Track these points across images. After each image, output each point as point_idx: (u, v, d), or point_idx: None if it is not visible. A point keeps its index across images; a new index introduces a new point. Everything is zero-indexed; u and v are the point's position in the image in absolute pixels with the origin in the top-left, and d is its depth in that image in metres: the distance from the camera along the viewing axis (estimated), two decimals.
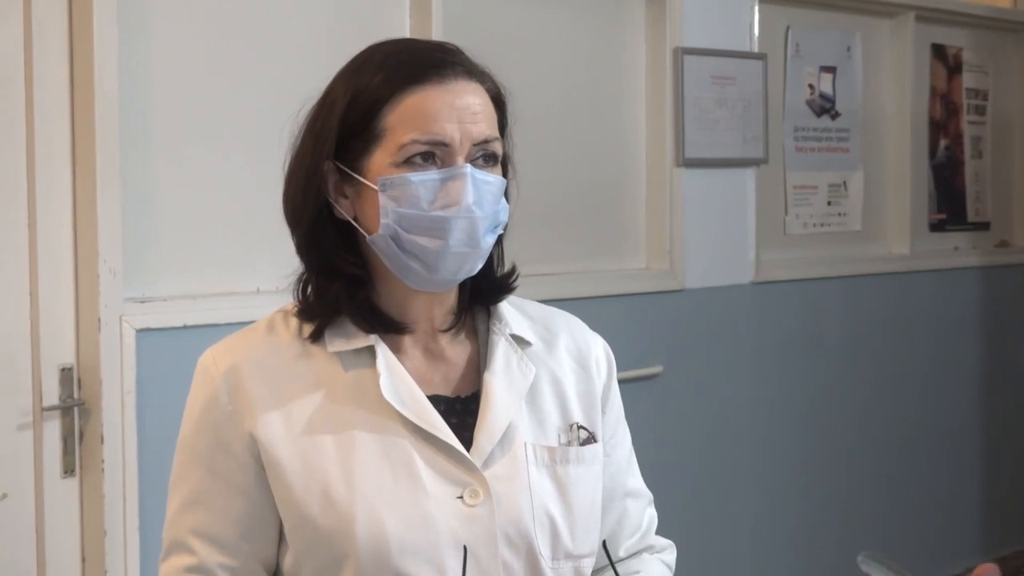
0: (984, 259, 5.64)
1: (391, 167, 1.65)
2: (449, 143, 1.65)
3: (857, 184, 5.12)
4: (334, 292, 1.71)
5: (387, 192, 1.65)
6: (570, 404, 1.78)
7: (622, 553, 1.89)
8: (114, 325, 3.02)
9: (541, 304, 1.91)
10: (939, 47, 5.47)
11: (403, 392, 1.69)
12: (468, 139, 1.66)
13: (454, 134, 1.65)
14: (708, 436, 4.50)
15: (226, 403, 1.69)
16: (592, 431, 1.80)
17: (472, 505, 1.67)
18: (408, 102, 1.66)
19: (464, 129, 1.66)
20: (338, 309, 1.71)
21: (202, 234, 3.22)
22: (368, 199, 1.68)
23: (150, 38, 3.13)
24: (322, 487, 1.65)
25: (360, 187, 1.68)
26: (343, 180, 1.70)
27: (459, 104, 1.66)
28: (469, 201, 1.65)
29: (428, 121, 1.65)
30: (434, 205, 1.65)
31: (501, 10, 3.90)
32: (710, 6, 4.41)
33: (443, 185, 1.65)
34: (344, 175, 1.70)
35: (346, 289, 1.71)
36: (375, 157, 1.66)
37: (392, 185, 1.64)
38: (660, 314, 4.31)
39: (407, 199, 1.64)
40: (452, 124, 1.65)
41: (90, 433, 3.04)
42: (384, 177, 1.65)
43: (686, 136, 4.30)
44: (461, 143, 1.65)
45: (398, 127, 1.65)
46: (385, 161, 1.66)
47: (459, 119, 1.66)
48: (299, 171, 1.72)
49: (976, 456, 5.67)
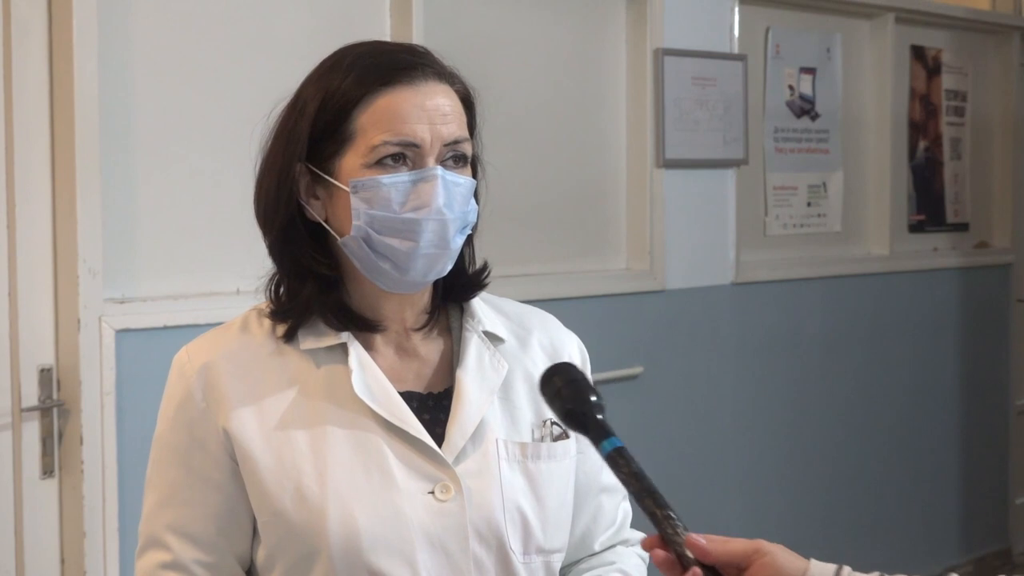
0: (963, 260, 5.66)
1: (362, 168, 1.66)
2: (420, 144, 1.66)
3: (837, 185, 5.13)
4: (306, 293, 1.72)
5: (358, 194, 1.66)
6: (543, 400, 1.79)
7: (597, 547, 1.91)
8: (93, 326, 3.01)
9: (516, 302, 1.93)
10: (918, 48, 5.49)
11: (375, 388, 1.71)
12: (439, 140, 1.68)
13: (424, 135, 1.67)
14: (688, 436, 4.51)
15: (200, 400, 1.71)
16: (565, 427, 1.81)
17: (443, 500, 1.68)
18: (379, 104, 1.67)
19: (434, 130, 1.67)
20: (310, 309, 1.73)
21: (182, 235, 3.22)
22: (339, 201, 1.69)
23: (130, 38, 3.12)
24: (295, 483, 1.67)
25: (331, 189, 1.70)
26: (314, 182, 1.72)
27: (429, 105, 1.68)
28: (440, 203, 1.67)
29: (399, 122, 1.66)
30: (405, 207, 1.66)
31: (482, 11, 3.90)
32: (690, 7, 4.41)
33: (414, 187, 1.67)
34: (315, 177, 1.71)
35: (318, 290, 1.72)
36: (346, 159, 1.68)
37: (363, 187, 1.66)
38: (640, 315, 4.31)
39: (378, 201, 1.66)
40: (423, 125, 1.67)
41: (69, 434, 3.04)
42: (355, 179, 1.66)
43: (666, 137, 4.31)
44: (432, 144, 1.67)
45: (369, 128, 1.67)
46: (356, 163, 1.67)
47: (429, 120, 1.67)
48: (270, 173, 1.73)
49: (955, 456, 5.69)
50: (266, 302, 1.78)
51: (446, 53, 1.79)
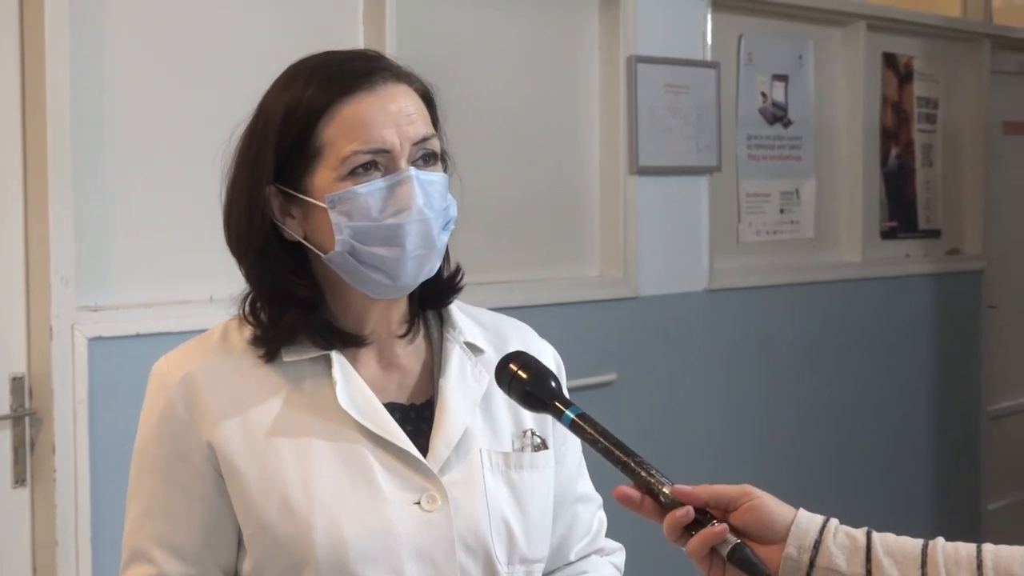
0: (935, 266, 5.69)
1: (335, 181, 1.65)
2: (390, 149, 1.66)
3: (809, 192, 5.15)
4: (288, 319, 1.70)
5: (337, 208, 1.65)
6: (522, 411, 1.78)
7: (572, 556, 1.92)
8: (66, 334, 3.00)
9: (492, 312, 1.93)
10: (890, 56, 5.52)
11: (359, 400, 1.70)
12: (407, 141, 1.67)
13: (394, 139, 1.66)
14: (662, 443, 4.51)
15: (182, 412, 1.69)
16: (544, 437, 1.82)
17: (429, 511, 1.68)
18: (343, 113, 1.66)
19: (402, 132, 1.67)
20: (295, 333, 1.71)
21: (155, 242, 3.20)
22: (317, 217, 1.68)
23: (103, 44, 3.11)
24: (280, 495, 1.66)
25: (307, 206, 1.68)
26: (287, 201, 1.70)
27: (393, 108, 1.67)
28: (419, 203, 1.66)
29: (367, 130, 1.65)
30: (385, 213, 1.65)
31: (454, 19, 3.89)
32: (663, 15, 4.42)
33: (391, 192, 1.66)
34: (288, 196, 1.69)
35: (301, 313, 1.70)
36: (318, 174, 1.67)
37: (340, 200, 1.65)
38: (614, 322, 4.32)
39: (358, 212, 1.65)
40: (390, 129, 1.66)
41: (41, 443, 3.02)
42: (331, 193, 1.65)
43: (639, 144, 4.31)
44: (401, 147, 1.67)
45: (337, 140, 1.65)
46: (328, 176, 1.66)
47: (395, 123, 1.67)
48: (239, 198, 1.71)
49: (928, 462, 5.71)
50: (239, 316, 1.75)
51: (419, 61, 1.79)
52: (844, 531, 1.55)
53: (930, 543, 1.53)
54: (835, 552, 1.52)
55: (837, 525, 1.55)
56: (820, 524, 1.54)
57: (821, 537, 1.53)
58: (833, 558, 1.52)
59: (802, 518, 1.55)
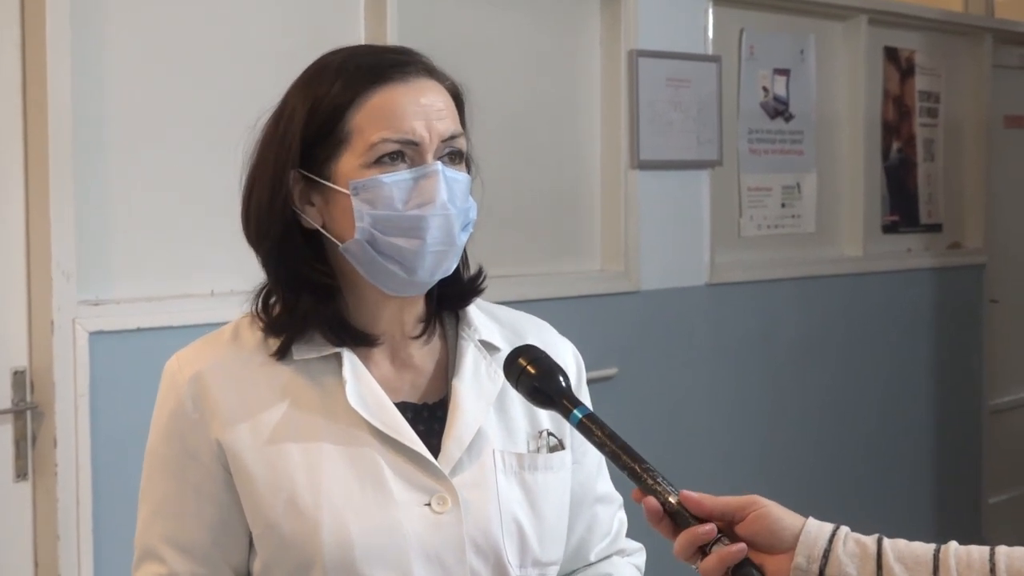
0: (936, 260, 5.68)
1: (361, 169, 1.64)
2: (419, 141, 1.64)
3: (811, 186, 5.15)
4: (304, 306, 1.69)
5: (360, 195, 1.63)
6: (539, 410, 1.76)
7: (592, 557, 1.89)
8: (67, 328, 3.00)
9: (510, 308, 1.91)
10: (892, 50, 5.51)
11: (370, 400, 1.68)
12: (436, 136, 1.66)
13: (423, 132, 1.65)
14: (664, 438, 4.51)
15: (192, 411, 1.68)
16: (560, 438, 1.79)
17: (440, 512, 1.66)
18: (374, 102, 1.65)
19: (432, 126, 1.66)
20: (307, 323, 1.69)
21: (156, 237, 3.21)
22: (338, 205, 1.66)
23: (103, 41, 3.11)
24: (288, 494, 1.64)
25: (328, 194, 1.67)
26: (309, 188, 1.68)
27: (424, 102, 1.66)
28: (444, 198, 1.65)
29: (397, 119, 1.64)
30: (409, 205, 1.64)
31: (456, 14, 3.90)
32: (664, 9, 4.42)
33: (416, 184, 1.64)
34: (310, 183, 1.67)
35: (316, 301, 1.69)
36: (343, 161, 1.65)
37: (364, 188, 1.63)
38: (615, 316, 4.32)
39: (381, 201, 1.63)
40: (420, 122, 1.65)
41: (43, 437, 3.02)
42: (355, 180, 1.63)
43: (640, 138, 4.31)
44: (430, 140, 1.65)
45: (366, 127, 1.64)
46: (354, 164, 1.64)
47: (426, 116, 1.65)
48: (262, 183, 1.69)
49: (930, 456, 5.71)
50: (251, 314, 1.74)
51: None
52: (854, 538, 1.53)
53: (942, 548, 1.51)
54: (845, 560, 1.51)
55: (847, 533, 1.53)
56: (830, 532, 1.52)
57: (831, 546, 1.51)
58: (843, 566, 1.50)
59: (811, 527, 1.53)
